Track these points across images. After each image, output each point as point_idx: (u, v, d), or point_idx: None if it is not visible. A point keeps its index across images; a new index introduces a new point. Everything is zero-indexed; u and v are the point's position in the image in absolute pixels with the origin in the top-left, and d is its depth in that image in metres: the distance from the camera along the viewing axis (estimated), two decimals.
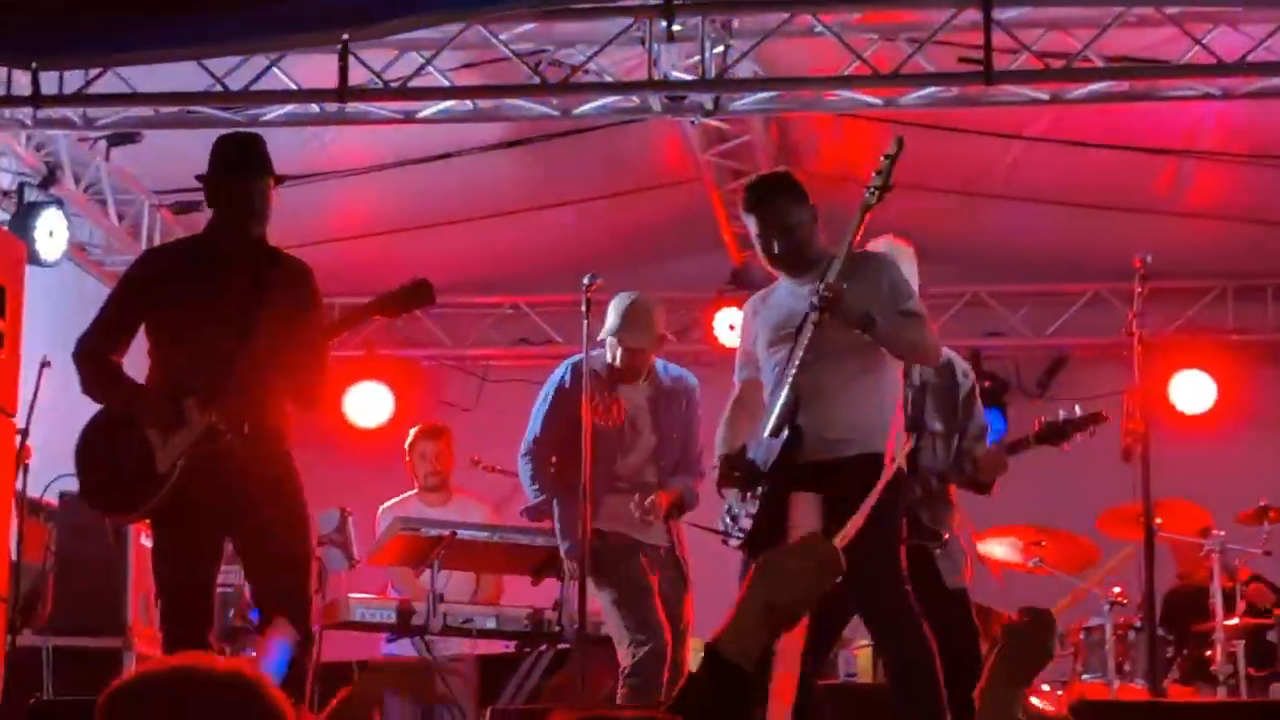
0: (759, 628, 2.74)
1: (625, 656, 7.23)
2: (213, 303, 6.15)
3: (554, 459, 7.62)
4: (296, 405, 6.28)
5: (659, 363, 7.78)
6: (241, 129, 8.10)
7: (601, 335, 7.55)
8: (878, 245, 6.89)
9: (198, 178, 6.41)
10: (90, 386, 6.25)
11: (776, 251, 6.11)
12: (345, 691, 3.36)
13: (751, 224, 6.18)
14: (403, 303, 6.26)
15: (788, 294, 6.17)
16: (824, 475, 5.89)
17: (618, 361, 7.57)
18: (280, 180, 6.39)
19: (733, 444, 6.21)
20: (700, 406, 7.80)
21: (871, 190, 6.01)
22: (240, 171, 6.27)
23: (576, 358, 7.77)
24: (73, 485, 8.11)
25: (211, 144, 6.44)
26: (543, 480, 7.64)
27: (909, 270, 6.62)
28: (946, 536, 6.83)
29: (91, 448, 6.17)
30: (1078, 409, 7.27)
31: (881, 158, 6.05)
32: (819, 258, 6.07)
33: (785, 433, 5.96)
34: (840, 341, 5.93)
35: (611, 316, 7.58)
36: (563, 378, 7.73)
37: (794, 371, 5.96)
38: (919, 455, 6.67)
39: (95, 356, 6.24)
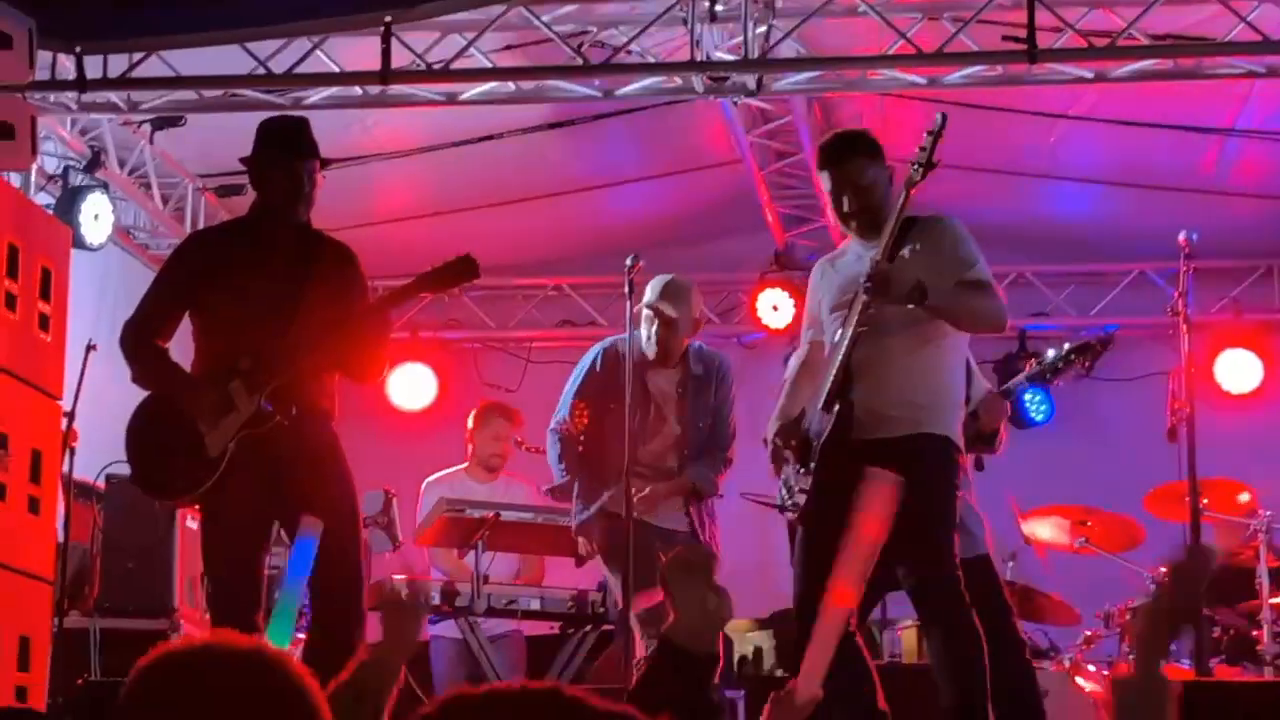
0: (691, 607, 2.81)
1: (640, 646, 7.20)
2: (258, 285, 6.16)
3: (582, 438, 7.64)
4: (355, 379, 6.31)
5: (692, 346, 7.76)
6: (286, 112, 8.12)
7: (638, 307, 7.53)
8: None
9: (242, 160, 6.41)
10: (138, 374, 6.26)
11: (847, 210, 6.03)
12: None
13: (824, 181, 6.11)
14: (448, 278, 6.25)
15: (855, 258, 6.08)
16: (877, 455, 5.86)
17: (652, 342, 7.55)
18: (326, 163, 6.38)
19: (790, 410, 6.15)
20: (737, 386, 7.80)
21: (915, 167, 5.97)
22: (286, 153, 6.25)
23: (609, 340, 7.80)
24: (119, 468, 8.17)
25: (254, 126, 6.44)
26: (569, 460, 7.66)
27: None
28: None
29: (141, 434, 6.18)
30: (1066, 346, 7.23)
31: (925, 134, 6.02)
32: (889, 218, 5.98)
33: (837, 407, 5.95)
34: (895, 313, 5.86)
35: (649, 291, 7.58)
36: (594, 361, 7.74)
37: (847, 344, 5.93)
38: None
39: (141, 343, 6.26)
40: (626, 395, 7.22)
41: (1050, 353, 7.24)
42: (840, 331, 5.98)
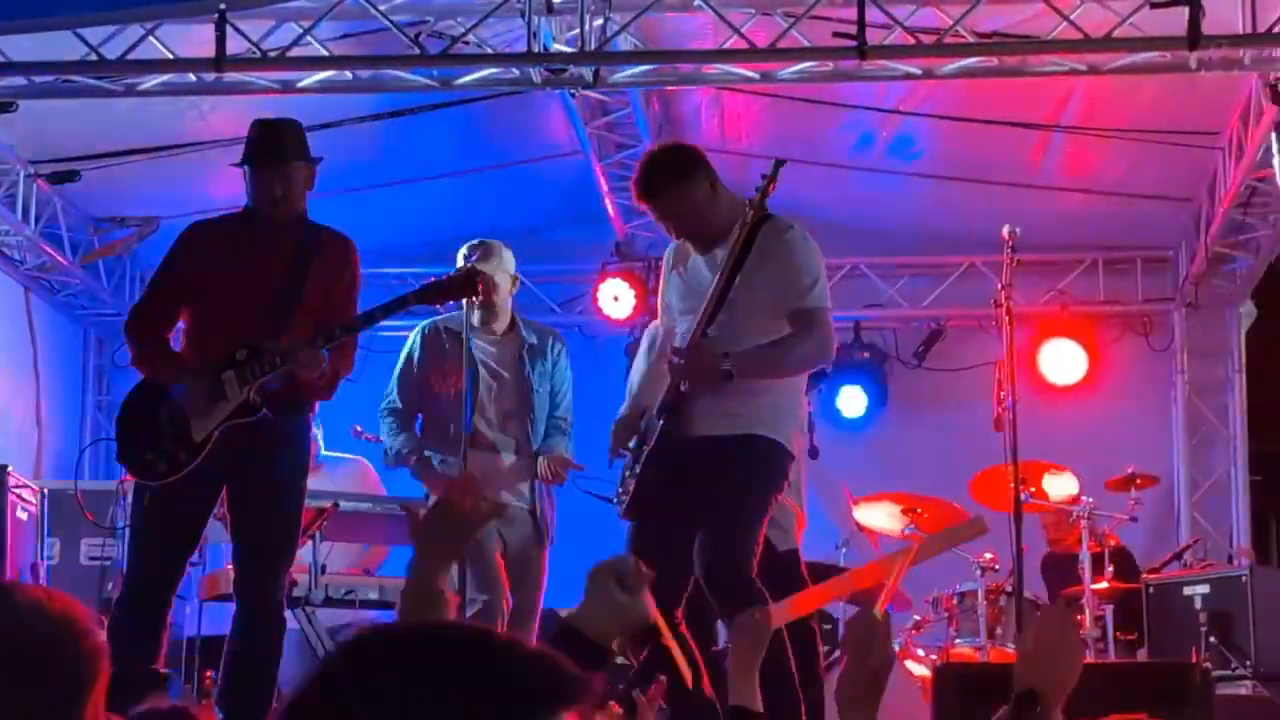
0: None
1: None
2: (255, 280, 6.37)
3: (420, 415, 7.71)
4: (315, 394, 6.52)
5: (520, 317, 7.83)
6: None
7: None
8: None
9: (234, 165, 6.61)
10: (136, 360, 6.54)
11: (676, 235, 6.14)
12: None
13: (648, 211, 6.21)
14: (448, 292, 6.64)
15: (703, 260, 6.15)
16: (703, 452, 5.96)
17: (474, 307, 7.54)
18: (316, 161, 6.57)
19: (640, 398, 6.30)
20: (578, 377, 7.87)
21: (747, 209, 6.00)
22: (253, 160, 6.49)
23: (426, 322, 7.83)
24: None
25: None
26: (408, 431, 7.67)
27: None
28: None
29: (131, 415, 6.42)
30: None
31: (761, 176, 6.06)
32: (726, 223, 6.03)
33: (663, 421, 6.04)
34: (740, 326, 5.98)
35: (460, 260, 7.61)
36: (413, 345, 7.77)
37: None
38: None
39: (142, 330, 6.52)
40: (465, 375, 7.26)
41: None
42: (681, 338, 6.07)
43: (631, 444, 6.24)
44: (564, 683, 1.77)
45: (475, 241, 7.73)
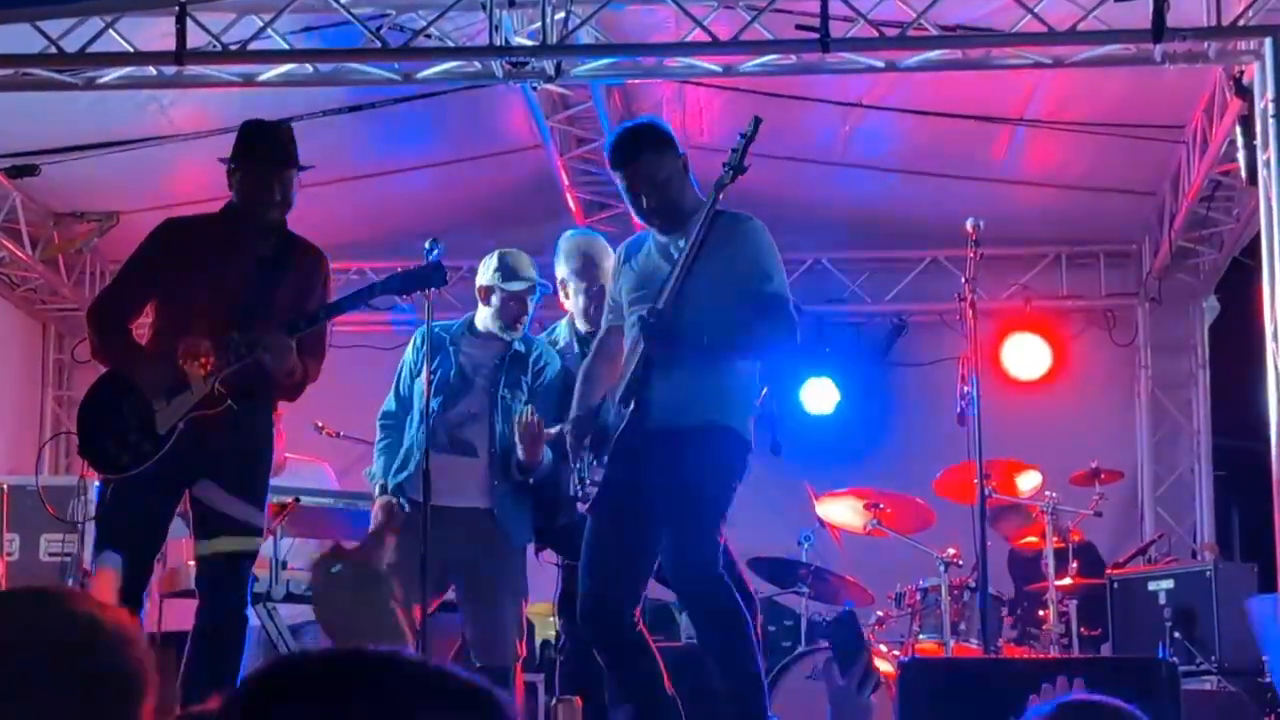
0: None
1: None
2: (226, 281, 6.32)
3: None
4: (280, 392, 6.45)
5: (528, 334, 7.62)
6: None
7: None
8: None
9: (221, 160, 6.53)
10: (98, 349, 6.47)
11: (645, 207, 6.05)
12: None
13: (618, 180, 6.12)
14: (414, 282, 6.57)
15: (656, 249, 6.12)
16: (667, 442, 5.92)
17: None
18: (304, 168, 6.51)
19: (589, 397, 6.19)
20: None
21: (726, 169, 5.98)
22: (254, 161, 6.42)
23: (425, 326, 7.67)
24: None
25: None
26: (389, 456, 7.45)
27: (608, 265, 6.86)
28: None
29: (93, 408, 6.35)
30: None
31: (739, 135, 6.04)
32: (691, 209, 6.01)
33: (633, 404, 5.98)
34: (696, 311, 5.94)
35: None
36: (410, 346, 7.57)
37: (644, 348, 5.96)
38: None
39: (106, 320, 6.45)
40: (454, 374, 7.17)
41: None
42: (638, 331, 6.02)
43: (587, 441, 6.16)
44: None
45: (528, 263, 7.55)
